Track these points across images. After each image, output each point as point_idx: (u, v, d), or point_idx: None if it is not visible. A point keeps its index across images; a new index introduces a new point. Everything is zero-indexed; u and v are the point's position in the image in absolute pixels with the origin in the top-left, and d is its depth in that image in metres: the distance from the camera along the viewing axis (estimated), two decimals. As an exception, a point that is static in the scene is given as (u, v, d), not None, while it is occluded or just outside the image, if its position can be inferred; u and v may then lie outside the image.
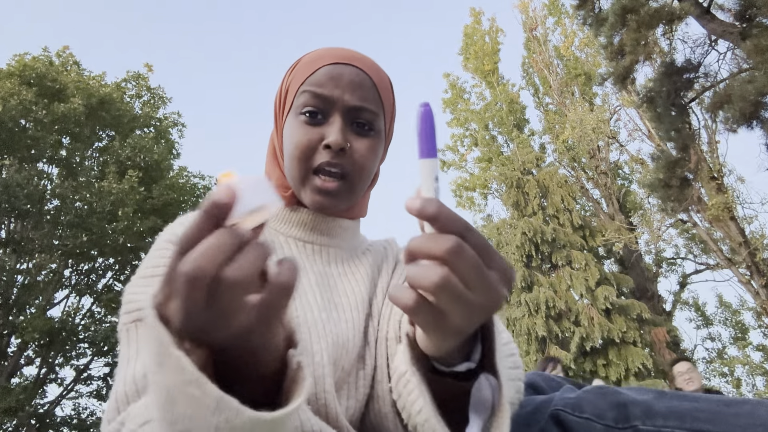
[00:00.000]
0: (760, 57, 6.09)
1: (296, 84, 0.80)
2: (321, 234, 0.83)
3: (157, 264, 0.71)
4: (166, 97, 14.21)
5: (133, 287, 0.70)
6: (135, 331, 0.65)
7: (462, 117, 17.50)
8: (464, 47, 17.77)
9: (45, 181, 11.76)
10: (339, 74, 0.77)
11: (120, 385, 0.58)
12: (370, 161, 0.79)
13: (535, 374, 0.83)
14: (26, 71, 11.42)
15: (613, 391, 0.61)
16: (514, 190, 13.77)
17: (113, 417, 0.56)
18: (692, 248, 15.42)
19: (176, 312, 0.37)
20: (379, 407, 0.72)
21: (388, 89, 0.84)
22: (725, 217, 9.90)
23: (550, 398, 0.64)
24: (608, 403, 0.58)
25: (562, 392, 0.65)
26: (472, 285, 0.41)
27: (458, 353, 0.53)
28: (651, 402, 0.57)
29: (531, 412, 0.63)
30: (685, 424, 0.54)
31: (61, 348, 10.92)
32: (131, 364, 0.61)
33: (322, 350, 0.70)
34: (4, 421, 9.26)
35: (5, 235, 10.86)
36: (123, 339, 0.66)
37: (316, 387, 0.68)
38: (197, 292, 0.36)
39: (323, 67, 0.78)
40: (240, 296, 0.37)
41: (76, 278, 12.00)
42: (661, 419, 0.55)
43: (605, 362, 11.26)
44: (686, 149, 7.79)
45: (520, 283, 12.47)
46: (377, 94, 0.80)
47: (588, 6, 8.20)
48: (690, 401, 0.56)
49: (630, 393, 0.60)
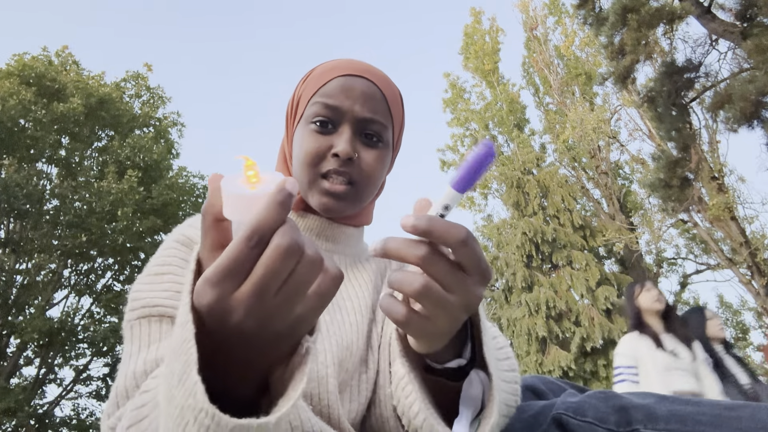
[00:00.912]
0: (760, 56, 6.08)
1: (308, 94, 0.83)
2: (326, 240, 0.85)
3: (165, 263, 0.73)
4: (165, 96, 14.24)
5: (139, 285, 0.71)
6: (138, 328, 0.66)
7: (462, 117, 17.50)
8: (464, 47, 17.78)
9: (44, 181, 11.77)
10: (350, 86, 0.80)
11: (121, 380, 0.59)
12: (377, 171, 0.81)
13: (535, 378, 0.83)
14: (25, 71, 11.44)
15: (614, 395, 0.62)
16: (515, 190, 13.77)
17: (112, 412, 0.57)
18: (693, 248, 15.42)
19: (243, 300, 0.37)
20: (381, 411, 0.74)
21: (398, 102, 0.87)
22: (726, 217, 9.90)
23: (552, 402, 0.65)
24: (610, 407, 0.59)
25: (564, 396, 0.66)
26: (450, 289, 0.44)
27: (449, 351, 0.55)
28: (653, 406, 0.58)
29: (533, 416, 0.64)
30: (686, 428, 0.54)
31: (61, 348, 10.92)
32: (133, 359, 0.62)
33: (326, 350, 0.71)
34: (4, 422, 9.26)
35: (4, 235, 10.86)
36: (126, 335, 0.67)
37: (320, 387, 0.68)
38: (289, 262, 0.36)
39: (335, 78, 0.80)
40: (309, 281, 0.38)
41: (76, 278, 12.00)
42: (662, 423, 0.55)
43: (606, 362, 11.25)
44: (687, 149, 7.78)
45: (520, 283, 12.47)
46: (387, 106, 0.82)
47: (588, 5, 8.18)
48: (692, 405, 0.57)
49: (632, 397, 0.61)
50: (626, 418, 0.57)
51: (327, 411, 0.68)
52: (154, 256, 0.76)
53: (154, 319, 0.66)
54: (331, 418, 0.69)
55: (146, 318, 0.67)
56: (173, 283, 0.70)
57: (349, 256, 0.87)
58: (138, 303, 0.68)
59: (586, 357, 11.47)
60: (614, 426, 0.57)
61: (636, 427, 0.56)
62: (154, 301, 0.67)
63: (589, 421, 0.59)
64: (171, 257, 0.74)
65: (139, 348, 0.64)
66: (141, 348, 0.64)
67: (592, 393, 0.64)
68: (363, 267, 0.88)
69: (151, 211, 11.67)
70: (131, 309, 0.68)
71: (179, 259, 0.73)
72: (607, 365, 11.26)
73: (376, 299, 0.84)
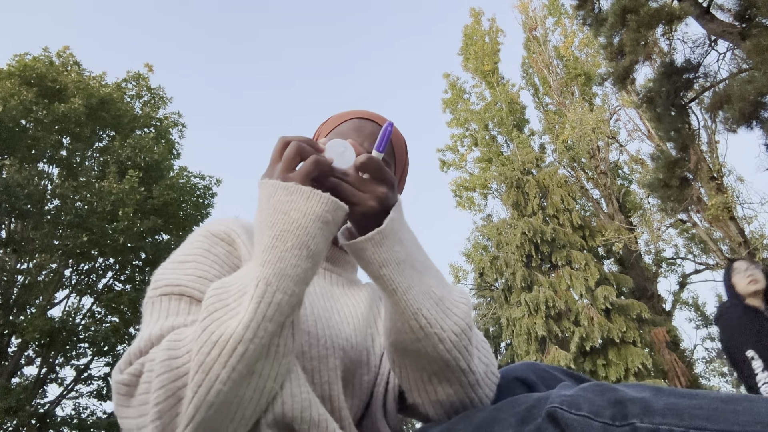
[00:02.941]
0: (759, 57, 6.09)
1: (325, 132, 0.99)
2: (326, 260, 0.96)
3: (189, 253, 0.78)
4: (166, 97, 14.20)
5: (163, 269, 0.76)
6: (159, 303, 0.71)
7: (462, 117, 17.50)
8: (464, 47, 17.78)
9: (45, 181, 11.76)
10: (361, 126, 0.95)
11: (135, 343, 0.64)
12: None
13: (526, 368, 0.82)
14: (27, 71, 11.41)
15: (610, 388, 0.60)
16: (514, 190, 13.77)
17: (124, 368, 0.62)
18: (692, 248, 15.42)
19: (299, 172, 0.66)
20: (375, 410, 0.81)
21: (402, 148, 1.02)
22: (725, 217, 9.91)
23: (547, 395, 0.64)
24: (605, 400, 0.58)
25: (559, 389, 0.65)
26: (362, 187, 0.70)
27: None
28: (649, 399, 0.57)
29: (527, 409, 0.63)
30: (683, 422, 0.53)
31: (62, 348, 10.91)
32: (150, 327, 0.66)
33: (326, 336, 0.78)
34: (5, 421, 9.26)
35: (5, 235, 10.86)
36: (147, 310, 0.72)
37: (321, 365, 0.75)
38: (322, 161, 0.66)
39: (349, 120, 0.96)
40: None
41: (77, 278, 11.99)
42: (659, 416, 0.54)
43: (605, 362, 11.27)
44: (686, 149, 7.79)
45: (519, 283, 12.48)
46: (391, 147, 0.98)
47: (588, 6, 8.20)
48: (688, 398, 0.56)
49: (628, 390, 0.59)
50: (622, 412, 0.56)
51: (329, 400, 0.73)
52: (181, 247, 0.82)
53: (175, 297, 0.71)
54: (333, 407, 0.73)
55: (167, 295, 0.71)
56: (196, 269, 0.74)
57: (345, 279, 0.97)
58: (161, 282, 0.73)
59: (586, 356, 11.49)
60: (609, 420, 0.56)
61: (632, 421, 0.55)
62: (176, 281, 0.72)
63: (584, 414, 0.57)
64: (196, 248, 0.79)
65: (158, 319, 0.68)
66: (159, 319, 0.68)
67: (587, 386, 0.62)
68: (358, 288, 0.96)
69: (152, 211, 11.66)
70: (154, 288, 0.73)
71: (203, 249, 0.78)
72: (607, 365, 11.29)
73: (375, 314, 0.93)
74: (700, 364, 16.83)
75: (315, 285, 0.89)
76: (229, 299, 0.60)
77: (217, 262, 0.77)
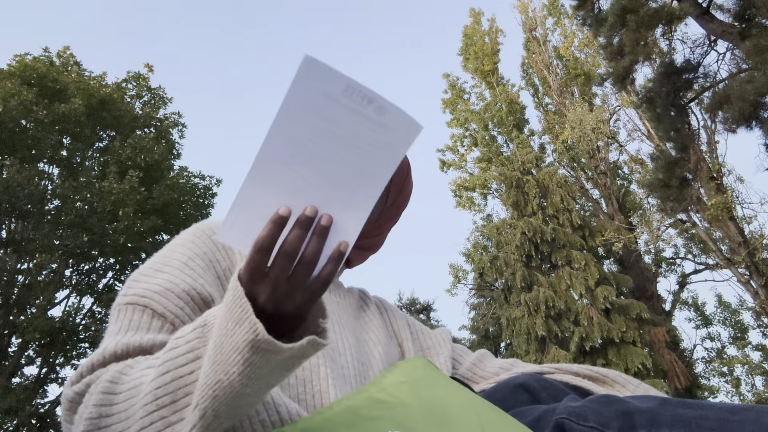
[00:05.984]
0: (759, 57, 6.10)
1: None
2: None
3: (166, 263, 0.79)
4: (166, 97, 14.18)
5: (137, 275, 0.78)
6: (124, 313, 0.72)
7: (462, 117, 17.48)
8: (464, 48, 17.76)
9: (46, 181, 11.76)
10: None
11: (92, 355, 0.65)
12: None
13: (529, 376, 0.83)
14: (27, 71, 11.40)
15: (617, 399, 0.61)
16: (514, 190, 13.77)
17: (76, 380, 0.62)
18: (691, 248, 15.41)
19: (266, 285, 0.53)
20: None
21: (402, 167, 0.99)
22: (724, 217, 9.91)
23: (554, 407, 0.64)
24: (613, 411, 0.58)
25: (566, 401, 0.65)
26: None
27: None
28: (656, 410, 0.57)
29: (535, 420, 0.63)
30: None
31: (62, 348, 10.91)
32: (110, 338, 0.68)
33: (348, 363, 0.81)
34: (5, 421, 9.26)
35: (6, 235, 10.85)
36: (113, 317, 0.73)
37: (311, 374, 0.75)
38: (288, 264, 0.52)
39: None
40: (308, 275, 0.53)
41: (77, 278, 11.99)
42: (666, 428, 0.55)
43: (605, 362, 11.26)
44: (685, 149, 7.79)
45: (519, 283, 12.48)
46: None
47: (587, 6, 8.20)
48: (695, 409, 0.56)
49: (634, 401, 0.60)
50: (629, 423, 0.56)
51: (320, 401, 0.72)
52: (162, 250, 0.83)
53: (139, 308, 0.72)
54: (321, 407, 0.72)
55: (132, 305, 0.72)
56: (166, 281, 0.75)
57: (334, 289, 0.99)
58: (130, 290, 0.74)
59: (585, 356, 11.49)
60: (617, 431, 0.56)
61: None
62: (143, 292, 0.73)
63: (591, 426, 0.57)
64: (176, 256, 0.80)
65: (118, 331, 0.69)
66: (120, 331, 0.69)
67: (594, 397, 0.62)
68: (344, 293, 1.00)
69: (152, 211, 11.65)
70: (123, 294, 0.75)
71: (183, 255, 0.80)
72: (606, 365, 11.29)
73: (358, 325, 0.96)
74: (699, 364, 16.83)
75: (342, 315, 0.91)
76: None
77: (196, 270, 0.78)
